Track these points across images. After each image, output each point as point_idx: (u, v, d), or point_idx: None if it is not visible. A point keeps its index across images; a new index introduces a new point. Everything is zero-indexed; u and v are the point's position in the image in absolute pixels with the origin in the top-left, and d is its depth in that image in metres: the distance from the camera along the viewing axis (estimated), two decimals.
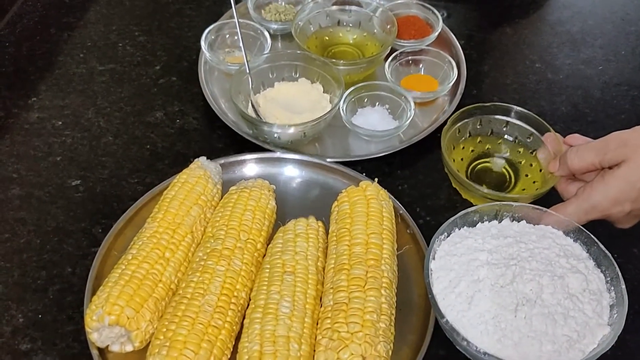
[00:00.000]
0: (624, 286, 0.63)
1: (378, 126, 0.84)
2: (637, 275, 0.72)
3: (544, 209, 0.69)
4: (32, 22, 1.00)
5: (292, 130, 0.81)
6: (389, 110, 0.87)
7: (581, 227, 0.67)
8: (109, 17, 1.02)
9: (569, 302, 0.61)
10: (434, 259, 0.67)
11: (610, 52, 0.98)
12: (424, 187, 0.81)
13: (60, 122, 0.87)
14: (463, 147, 0.81)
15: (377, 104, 0.87)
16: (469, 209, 0.69)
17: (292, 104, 0.86)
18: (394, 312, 0.64)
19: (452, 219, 0.68)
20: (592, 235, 0.66)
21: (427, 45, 0.93)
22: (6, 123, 0.86)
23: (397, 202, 0.75)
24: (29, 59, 0.95)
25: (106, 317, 0.60)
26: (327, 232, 0.72)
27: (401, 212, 0.74)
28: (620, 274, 0.63)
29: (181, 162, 0.81)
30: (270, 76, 0.88)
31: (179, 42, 0.98)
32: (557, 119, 0.88)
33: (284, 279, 0.65)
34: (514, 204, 0.69)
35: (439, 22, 0.95)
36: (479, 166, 0.81)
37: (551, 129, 0.78)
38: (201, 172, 0.74)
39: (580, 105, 0.91)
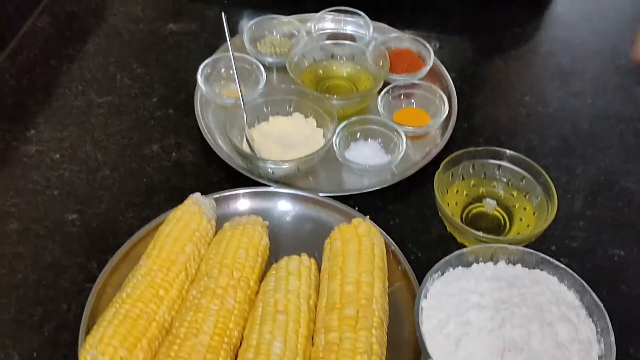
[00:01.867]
0: (613, 338, 0.63)
1: (371, 160, 0.86)
2: (623, 313, 0.73)
3: (540, 254, 0.70)
4: (32, 54, 1.02)
5: (285, 165, 0.82)
6: (382, 144, 0.88)
7: (575, 275, 0.68)
8: (108, 49, 1.04)
9: (557, 351, 0.62)
10: (425, 297, 0.67)
11: (599, 85, 1.00)
12: (415, 221, 0.82)
13: (58, 155, 0.88)
14: (457, 191, 0.82)
15: (369, 138, 0.88)
16: (465, 250, 0.70)
17: (286, 138, 0.87)
18: (384, 351, 0.65)
19: (447, 258, 0.69)
20: (585, 284, 0.67)
21: (420, 79, 0.95)
22: (5, 156, 0.88)
23: (389, 238, 0.76)
24: (29, 91, 0.96)
25: (100, 358, 0.61)
26: (319, 269, 0.73)
27: (393, 248, 0.75)
28: (610, 325, 0.63)
29: (177, 196, 0.82)
30: (265, 110, 0.90)
31: (176, 75, 1.00)
32: (547, 153, 0.90)
33: (277, 318, 0.66)
34: (510, 246, 0.70)
35: (431, 56, 0.96)
36: (473, 210, 0.82)
37: (542, 171, 0.79)
38: (195, 208, 0.75)
39: (569, 139, 0.92)
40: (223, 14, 0.85)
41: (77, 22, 1.08)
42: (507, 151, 0.81)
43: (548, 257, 0.70)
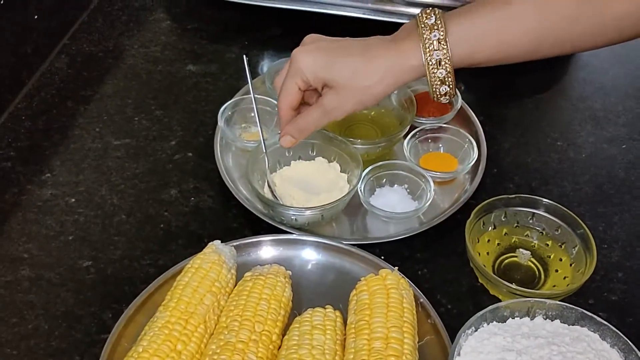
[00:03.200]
0: None
1: (397, 207, 0.82)
2: None
3: (581, 309, 0.66)
4: (49, 95, 1.00)
5: (309, 212, 0.79)
6: (408, 190, 0.85)
7: (618, 332, 0.64)
8: (126, 90, 1.02)
9: None
10: (459, 354, 0.64)
11: (634, 130, 0.96)
12: (445, 272, 0.78)
13: (73, 200, 0.86)
14: (488, 240, 0.78)
15: (395, 184, 0.85)
16: (500, 304, 0.66)
17: (309, 183, 0.84)
18: None
19: (481, 312, 0.65)
20: (629, 342, 0.63)
21: (446, 123, 0.92)
22: (19, 200, 0.85)
23: (418, 290, 0.72)
24: (45, 133, 0.94)
25: None
26: (345, 322, 0.70)
27: (421, 300, 0.72)
28: None
29: (195, 243, 0.80)
30: (287, 155, 0.87)
31: (195, 117, 0.98)
32: (581, 200, 0.86)
33: None
34: (547, 301, 0.66)
35: (458, 99, 0.94)
36: (506, 260, 0.78)
37: (580, 221, 0.75)
38: (215, 257, 0.72)
39: (604, 186, 0.88)
40: (245, 56, 0.83)
41: (95, 63, 1.06)
42: (543, 199, 0.78)
43: (589, 313, 0.66)
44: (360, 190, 0.82)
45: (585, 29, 0.68)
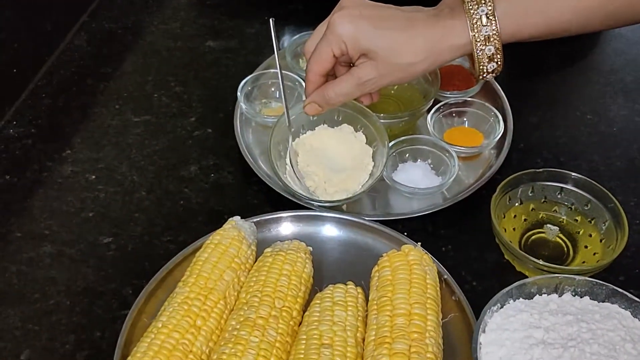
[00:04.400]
0: None
1: (420, 183, 0.80)
2: None
3: (611, 286, 0.64)
4: (69, 72, 1.00)
5: (329, 205, 0.78)
6: (432, 166, 0.83)
7: None
8: (146, 67, 1.01)
9: None
10: (484, 331, 0.62)
11: None
12: (469, 248, 0.76)
13: (93, 177, 0.85)
14: (515, 216, 0.76)
15: (419, 159, 0.83)
16: (526, 280, 0.64)
17: (332, 158, 0.82)
18: None
19: (507, 289, 0.63)
20: None
21: (471, 97, 0.89)
22: (40, 177, 0.85)
23: (441, 266, 0.70)
24: (65, 111, 0.94)
25: None
26: (366, 298, 0.68)
27: (445, 276, 0.70)
28: None
29: (215, 220, 0.78)
30: (311, 119, 0.84)
31: (215, 93, 0.96)
32: (613, 175, 0.83)
33: (321, 353, 0.61)
34: (577, 277, 0.64)
35: None
36: (533, 237, 0.76)
37: (611, 195, 0.73)
38: (235, 232, 0.71)
39: (637, 160, 0.85)
40: (271, 21, 0.77)
41: (114, 40, 1.05)
42: (572, 173, 0.75)
43: (620, 289, 0.64)
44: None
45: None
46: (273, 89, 0.92)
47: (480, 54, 0.68)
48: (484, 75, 0.70)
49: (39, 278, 0.74)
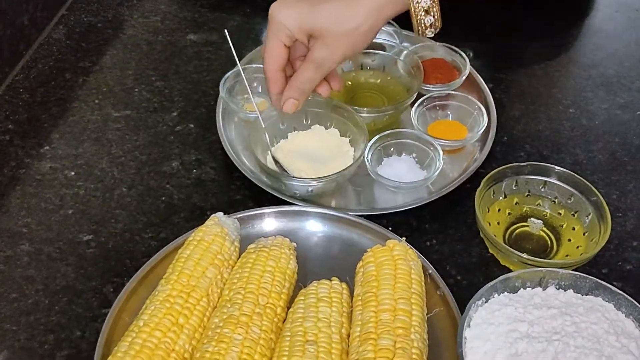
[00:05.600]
0: None
1: (405, 177, 0.80)
2: None
3: (594, 279, 0.64)
4: (47, 66, 0.98)
5: (318, 183, 0.77)
6: (417, 160, 0.83)
7: (635, 302, 0.62)
8: (126, 61, 0.99)
9: None
10: (469, 326, 0.62)
11: None
12: (454, 242, 0.76)
13: (72, 173, 0.84)
14: (499, 210, 0.76)
15: (403, 153, 0.83)
16: (511, 274, 0.64)
17: (312, 153, 0.82)
18: None
19: (491, 283, 0.63)
20: None
21: (455, 90, 0.89)
22: (17, 173, 0.83)
23: (426, 261, 0.70)
24: (43, 106, 0.92)
25: None
26: (351, 294, 0.68)
27: (430, 271, 0.70)
28: None
29: (197, 216, 0.78)
30: (281, 127, 0.84)
31: (196, 88, 0.95)
32: (595, 169, 0.83)
33: (306, 350, 0.60)
34: (560, 270, 0.64)
35: (467, 65, 0.91)
36: (517, 230, 0.76)
37: (594, 188, 0.73)
38: (218, 229, 0.70)
39: (618, 153, 0.86)
40: (226, 31, 0.80)
41: (94, 34, 1.04)
42: (555, 167, 0.75)
43: (603, 282, 0.64)
44: (367, 159, 0.80)
45: None
46: (255, 84, 0.91)
47: (416, 6, 0.70)
48: (423, 29, 0.71)
49: (17, 277, 0.73)
